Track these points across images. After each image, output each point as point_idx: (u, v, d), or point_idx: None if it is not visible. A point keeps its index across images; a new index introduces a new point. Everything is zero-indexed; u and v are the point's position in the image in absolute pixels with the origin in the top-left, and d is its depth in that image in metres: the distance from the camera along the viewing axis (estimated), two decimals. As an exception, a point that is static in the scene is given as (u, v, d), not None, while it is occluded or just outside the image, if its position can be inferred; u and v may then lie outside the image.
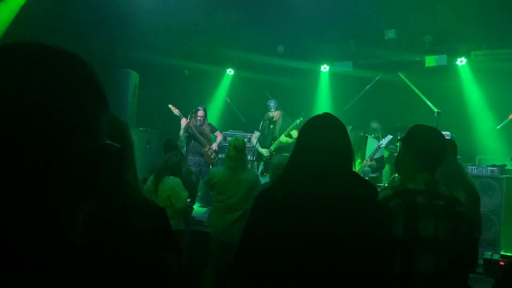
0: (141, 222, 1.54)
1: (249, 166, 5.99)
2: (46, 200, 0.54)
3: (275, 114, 6.56)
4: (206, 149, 7.09)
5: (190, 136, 7.02)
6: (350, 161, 1.76)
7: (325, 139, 1.73)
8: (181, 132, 6.96)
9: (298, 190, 1.68)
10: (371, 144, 5.88)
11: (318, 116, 1.85)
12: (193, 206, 5.68)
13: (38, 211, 0.53)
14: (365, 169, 5.65)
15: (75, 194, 0.58)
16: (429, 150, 2.09)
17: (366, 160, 5.62)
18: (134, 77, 7.37)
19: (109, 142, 0.63)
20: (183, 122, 6.98)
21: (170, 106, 7.23)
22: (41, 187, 0.53)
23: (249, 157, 6.81)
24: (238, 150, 4.35)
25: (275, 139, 6.56)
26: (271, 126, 6.66)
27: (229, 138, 5.84)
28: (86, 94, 0.58)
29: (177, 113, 7.15)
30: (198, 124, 7.08)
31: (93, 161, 0.59)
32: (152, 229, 1.57)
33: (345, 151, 1.74)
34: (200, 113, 7.09)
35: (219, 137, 7.43)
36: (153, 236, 1.56)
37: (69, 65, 0.58)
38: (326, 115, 1.84)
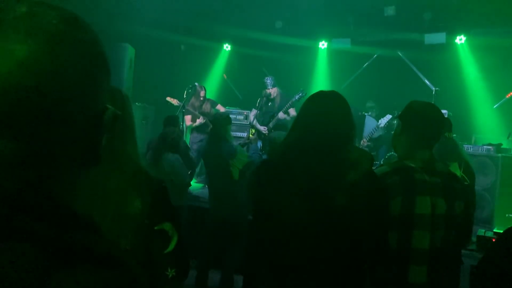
0: (142, 194, 1.54)
1: (240, 142, 5.97)
2: (47, 165, 0.53)
3: (272, 91, 6.51)
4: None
5: (194, 117, 6.89)
6: (352, 136, 1.78)
7: (328, 113, 1.75)
8: (185, 126, 6.83)
9: (297, 159, 1.70)
10: (369, 124, 5.89)
11: (323, 91, 1.86)
12: (191, 182, 5.70)
13: (39, 176, 0.52)
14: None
15: (76, 159, 0.57)
16: (427, 127, 2.07)
17: (364, 140, 5.64)
18: (130, 51, 7.27)
19: (109, 106, 0.61)
20: (188, 118, 6.85)
21: (168, 98, 7.11)
22: (43, 150, 0.53)
23: (245, 134, 6.81)
24: (214, 123, 4.33)
25: (273, 116, 6.52)
26: (269, 103, 6.61)
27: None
28: (89, 57, 0.57)
29: (176, 104, 7.02)
30: (200, 103, 6.94)
31: (94, 124, 0.58)
32: (153, 201, 1.57)
33: (346, 126, 1.76)
34: (203, 93, 6.96)
35: (221, 110, 7.29)
36: (154, 209, 1.57)
37: (77, 27, 0.57)
38: (331, 91, 1.86)
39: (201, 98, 6.95)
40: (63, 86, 0.53)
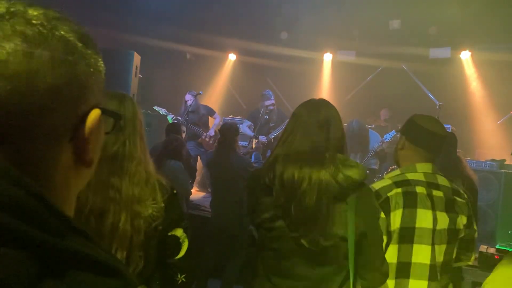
0: (155, 200, 1.56)
1: (243, 152, 5.98)
2: (35, 166, 0.52)
3: (273, 102, 6.61)
4: (204, 137, 6.75)
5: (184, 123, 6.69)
6: (342, 146, 1.75)
7: (317, 121, 1.73)
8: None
9: (283, 168, 1.68)
10: (373, 138, 5.90)
11: (313, 99, 1.85)
12: (191, 190, 5.69)
13: (33, 176, 0.50)
14: (369, 161, 5.69)
15: (64, 161, 0.55)
16: (429, 140, 2.06)
17: (379, 146, 5.67)
18: (135, 58, 7.29)
19: (103, 107, 0.59)
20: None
21: (155, 107, 7.01)
22: (28, 151, 0.51)
23: (245, 143, 6.80)
24: (223, 134, 4.31)
25: (273, 128, 6.58)
26: (266, 117, 6.66)
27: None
28: (71, 57, 0.54)
29: (164, 113, 6.88)
30: (189, 109, 6.56)
31: (75, 125, 0.55)
32: (166, 207, 1.58)
33: (336, 135, 1.73)
34: (186, 97, 6.69)
35: (216, 119, 7.01)
36: (167, 214, 1.58)
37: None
38: (320, 99, 1.84)
39: (186, 102, 6.71)
40: (37, 89, 0.51)
